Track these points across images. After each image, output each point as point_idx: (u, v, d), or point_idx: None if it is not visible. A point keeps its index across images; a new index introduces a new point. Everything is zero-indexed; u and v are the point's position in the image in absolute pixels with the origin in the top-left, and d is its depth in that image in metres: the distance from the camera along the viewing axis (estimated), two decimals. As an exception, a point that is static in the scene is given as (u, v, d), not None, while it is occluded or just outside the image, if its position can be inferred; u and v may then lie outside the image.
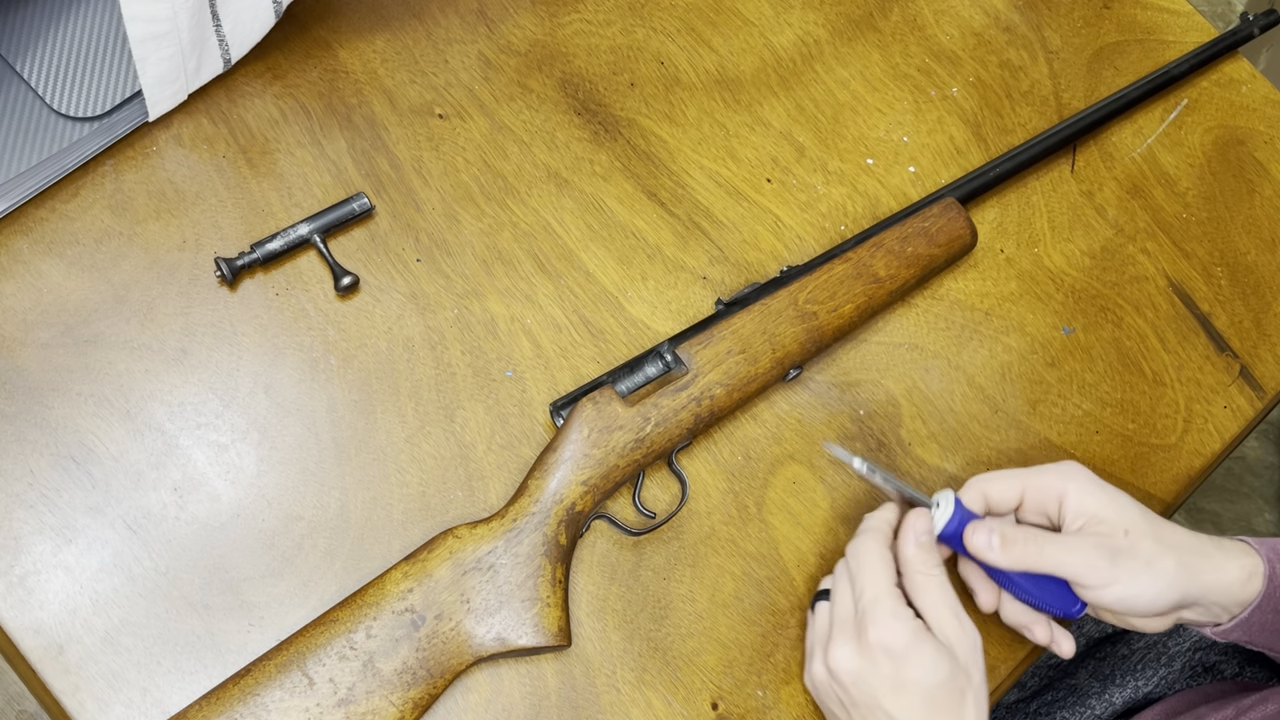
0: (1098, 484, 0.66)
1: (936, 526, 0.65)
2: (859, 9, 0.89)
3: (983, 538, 0.64)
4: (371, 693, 0.60)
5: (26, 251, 0.70)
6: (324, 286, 0.72)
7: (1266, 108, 0.91)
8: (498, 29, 0.82)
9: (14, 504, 0.64)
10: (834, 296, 0.73)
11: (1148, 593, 0.64)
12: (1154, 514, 0.66)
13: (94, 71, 0.72)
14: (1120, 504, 0.65)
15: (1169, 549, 0.64)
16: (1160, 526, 0.65)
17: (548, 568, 0.64)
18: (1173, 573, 0.64)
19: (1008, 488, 0.67)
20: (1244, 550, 0.66)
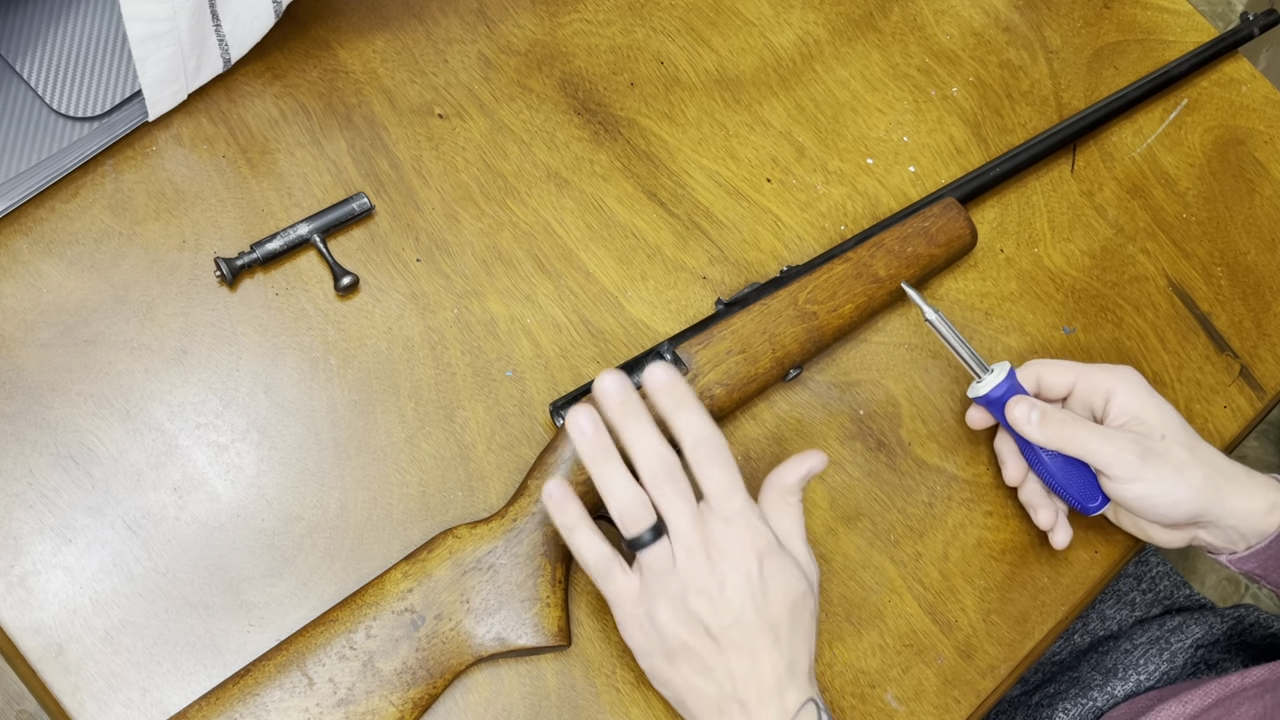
0: (1147, 390, 0.69)
1: (986, 389, 0.69)
2: (859, 9, 0.89)
3: (1023, 410, 0.68)
4: (371, 693, 0.60)
5: (26, 251, 0.70)
6: (324, 286, 0.72)
7: (1266, 108, 0.91)
8: (498, 29, 0.82)
9: (14, 504, 0.64)
10: (834, 296, 0.72)
11: (1169, 496, 0.66)
12: (1194, 432, 0.69)
13: (94, 71, 0.72)
14: (1164, 411, 0.68)
15: (1201, 462, 0.67)
16: (1197, 442, 0.68)
17: (547, 567, 0.64)
18: (1198, 484, 0.66)
19: (1062, 375, 0.70)
20: (1271, 484, 0.68)
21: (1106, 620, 0.89)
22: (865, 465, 0.74)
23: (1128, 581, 0.91)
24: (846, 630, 0.70)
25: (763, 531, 0.60)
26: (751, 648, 0.59)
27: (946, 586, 0.72)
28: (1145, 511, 0.67)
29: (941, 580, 0.72)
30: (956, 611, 0.72)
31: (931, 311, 0.69)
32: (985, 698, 0.70)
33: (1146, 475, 0.66)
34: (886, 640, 0.70)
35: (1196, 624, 0.83)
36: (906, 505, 0.74)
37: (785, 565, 0.60)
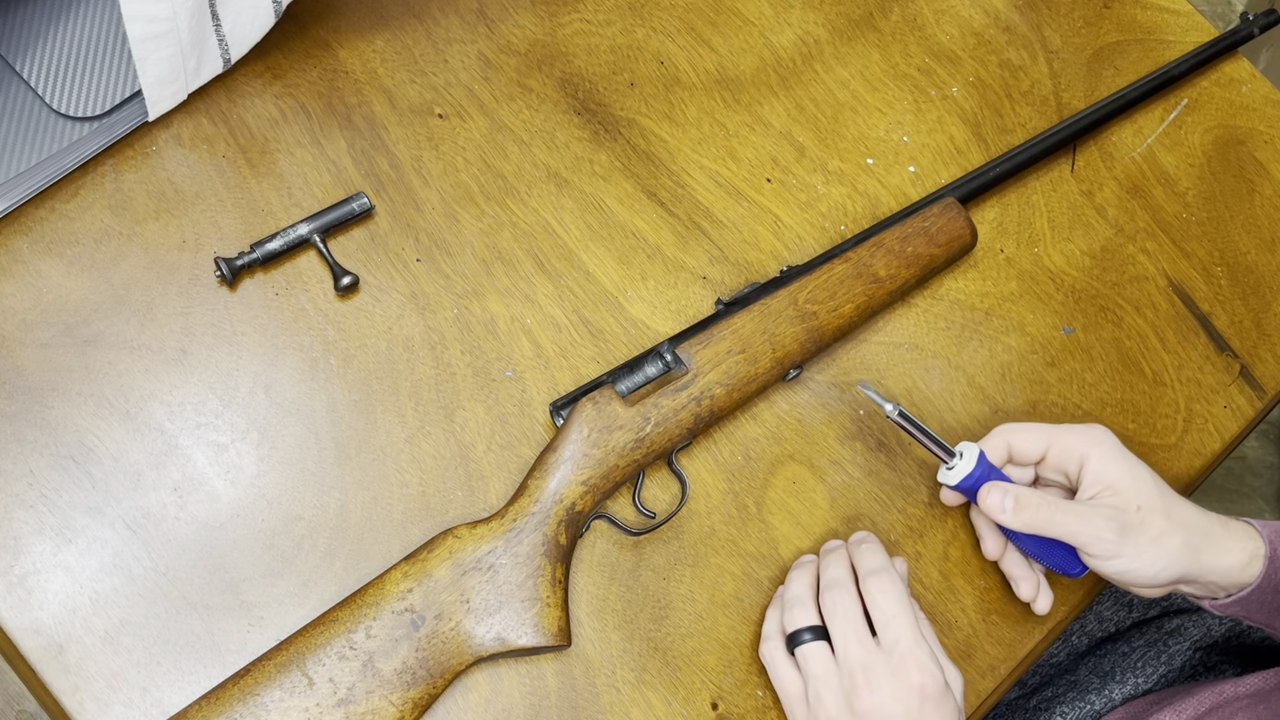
0: (1120, 453, 0.67)
1: (957, 477, 0.68)
2: (859, 9, 0.89)
3: (996, 499, 0.67)
4: (371, 693, 0.60)
5: (26, 251, 0.70)
6: (324, 286, 0.72)
7: (1266, 108, 0.91)
8: (498, 29, 0.82)
9: (14, 504, 0.64)
10: (834, 296, 0.73)
11: (1150, 568, 0.66)
12: (1169, 490, 0.68)
13: (94, 71, 0.72)
14: (1138, 476, 0.67)
15: (1177, 528, 0.66)
16: (1172, 503, 0.67)
17: (547, 568, 0.64)
18: (1177, 551, 0.66)
19: (1033, 442, 0.69)
20: (1248, 533, 0.68)
21: (1104, 622, 0.89)
22: (865, 465, 0.74)
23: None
24: (846, 630, 0.70)
25: (932, 672, 0.62)
26: None
27: (946, 586, 0.72)
28: (1126, 583, 0.67)
29: (941, 580, 0.72)
30: (956, 611, 0.72)
31: (891, 407, 0.68)
32: (985, 698, 0.70)
33: (1126, 551, 0.65)
34: (886, 640, 0.70)
35: (1194, 626, 0.83)
36: (906, 505, 0.74)
37: (946, 708, 0.62)
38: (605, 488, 0.66)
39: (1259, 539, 0.67)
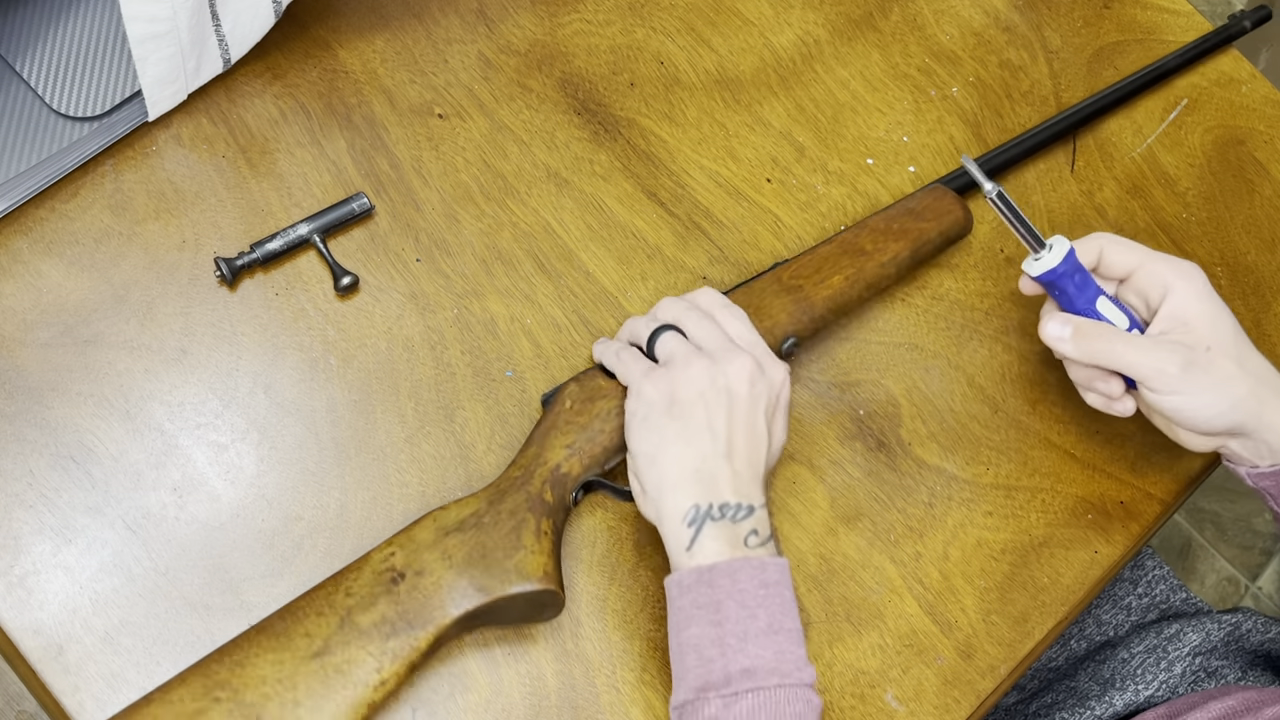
0: (1208, 294, 0.67)
1: (1042, 269, 0.67)
2: (859, 9, 0.89)
3: (1055, 329, 0.67)
4: (347, 644, 0.59)
5: (26, 251, 0.70)
6: (324, 286, 0.72)
7: (1266, 108, 0.91)
8: (498, 29, 0.82)
9: (14, 504, 0.64)
10: (819, 270, 0.73)
11: (1208, 410, 0.65)
12: (1247, 340, 0.67)
13: (94, 71, 0.72)
14: (1218, 319, 0.66)
15: (1247, 375, 0.65)
16: (1247, 352, 0.66)
17: (531, 520, 0.63)
18: (1240, 399, 0.65)
19: (1125, 258, 0.68)
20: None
21: (1103, 626, 0.89)
22: (865, 465, 0.74)
23: (1123, 586, 0.91)
24: (846, 630, 0.70)
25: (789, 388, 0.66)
26: (752, 434, 0.63)
27: (946, 586, 0.72)
28: (1181, 422, 0.66)
29: (941, 580, 0.72)
30: (956, 611, 0.72)
31: (990, 186, 0.66)
32: (985, 698, 0.70)
33: (1187, 389, 0.64)
34: (886, 640, 0.70)
35: (1194, 631, 0.83)
36: (906, 505, 0.74)
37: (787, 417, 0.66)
38: (592, 451, 0.66)
39: None
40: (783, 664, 0.59)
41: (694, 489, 0.61)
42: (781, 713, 0.58)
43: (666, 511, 0.62)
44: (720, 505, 0.61)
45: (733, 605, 0.59)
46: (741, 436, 0.62)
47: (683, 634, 0.61)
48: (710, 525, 0.61)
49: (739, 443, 0.62)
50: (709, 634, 0.60)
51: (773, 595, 0.60)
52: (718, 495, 0.61)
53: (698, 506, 0.61)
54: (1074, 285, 0.68)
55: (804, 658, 0.60)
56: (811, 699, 0.60)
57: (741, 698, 0.58)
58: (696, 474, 0.61)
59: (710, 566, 0.60)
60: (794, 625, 0.61)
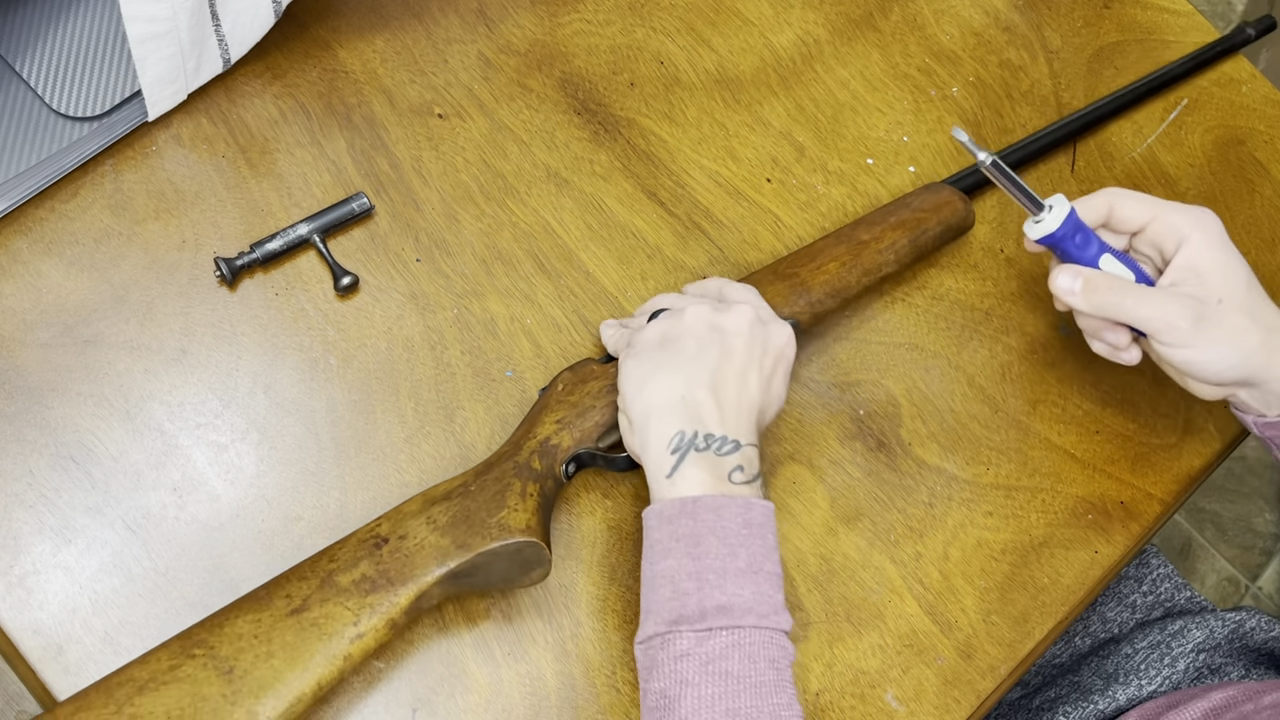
0: (1221, 242, 0.66)
1: (1043, 231, 0.67)
2: (859, 9, 0.89)
3: (1065, 282, 0.67)
4: (326, 601, 0.59)
5: (26, 251, 0.70)
6: (324, 286, 0.72)
7: (1266, 108, 0.91)
8: (497, 29, 0.82)
9: (13, 504, 0.64)
10: (815, 259, 0.73)
11: (1218, 363, 0.65)
12: (1259, 289, 0.67)
13: (93, 71, 0.72)
14: (1230, 269, 0.66)
15: (1258, 327, 0.65)
16: (1259, 302, 0.66)
17: (517, 484, 0.63)
18: (1251, 351, 0.65)
19: (1137, 211, 0.67)
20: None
21: (1107, 623, 0.89)
22: (865, 465, 0.74)
23: (1128, 584, 0.91)
24: (846, 630, 0.70)
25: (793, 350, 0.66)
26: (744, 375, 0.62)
27: (946, 587, 0.72)
28: (1191, 374, 0.66)
29: (941, 580, 0.72)
30: (956, 612, 0.72)
31: (984, 155, 0.65)
32: (985, 698, 0.70)
33: (1197, 342, 0.64)
34: (886, 640, 0.70)
35: (1197, 628, 0.83)
36: (906, 505, 0.74)
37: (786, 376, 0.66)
38: (583, 425, 0.66)
39: None
40: (760, 605, 0.58)
41: (679, 416, 0.61)
42: (756, 654, 0.57)
43: (651, 438, 0.61)
44: (705, 435, 0.60)
45: (714, 540, 0.58)
46: (732, 375, 0.62)
47: (658, 565, 0.59)
48: (694, 454, 0.60)
49: (729, 380, 0.62)
50: (687, 567, 0.58)
51: (755, 536, 0.59)
52: (703, 425, 0.60)
53: (682, 433, 0.60)
54: (1075, 245, 0.68)
55: (782, 604, 0.59)
56: (786, 645, 0.58)
57: (716, 634, 0.57)
58: (683, 401, 0.61)
59: (695, 499, 0.59)
60: (774, 570, 0.60)
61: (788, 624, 0.59)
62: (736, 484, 0.60)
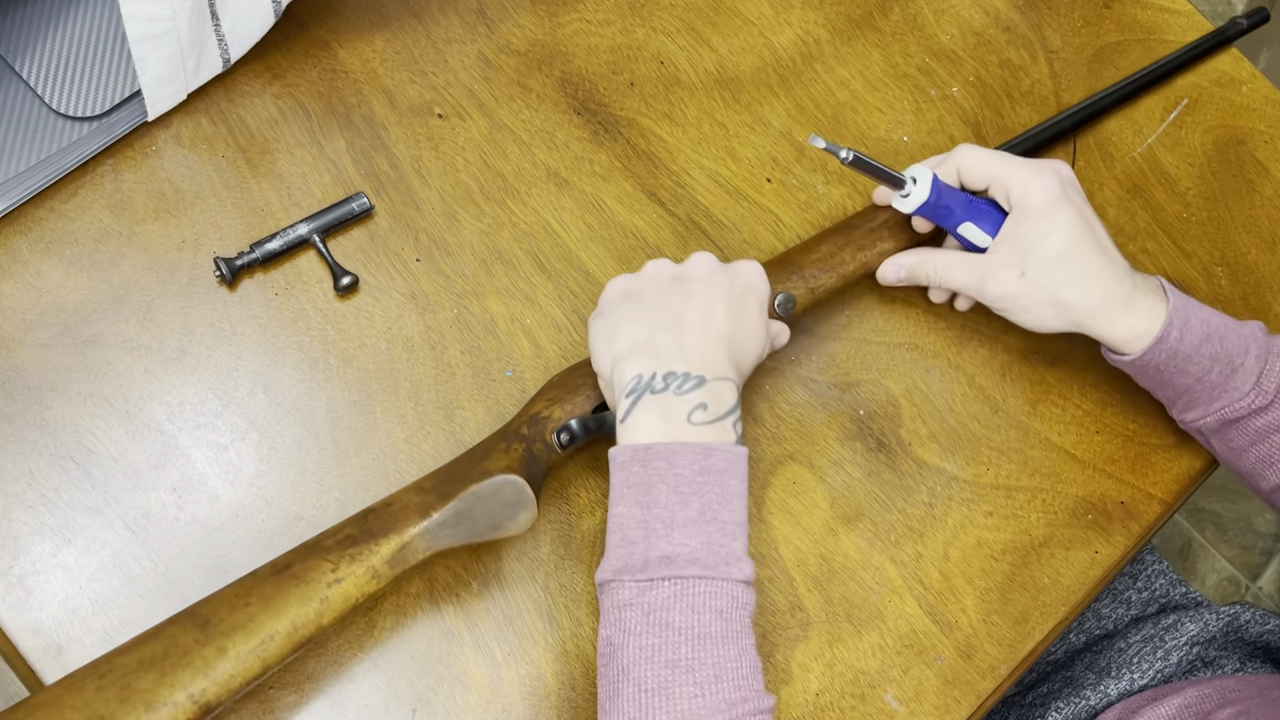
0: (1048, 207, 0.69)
1: (912, 205, 0.70)
2: (859, 9, 0.89)
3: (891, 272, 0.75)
4: (308, 558, 0.59)
5: (25, 251, 0.70)
6: (323, 286, 0.72)
7: (1266, 108, 0.91)
8: (497, 29, 0.82)
9: (13, 504, 0.64)
10: (806, 245, 0.74)
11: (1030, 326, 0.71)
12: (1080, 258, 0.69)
13: (93, 71, 0.72)
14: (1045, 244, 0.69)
15: (1058, 304, 0.69)
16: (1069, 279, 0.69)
17: (502, 444, 0.63)
18: (1053, 318, 0.70)
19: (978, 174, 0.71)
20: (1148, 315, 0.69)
21: (1102, 619, 0.89)
22: (865, 465, 0.74)
23: (1124, 580, 0.91)
24: (846, 630, 0.70)
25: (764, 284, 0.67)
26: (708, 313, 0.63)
27: (946, 587, 0.72)
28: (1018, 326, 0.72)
29: (941, 580, 0.72)
30: (956, 612, 0.72)
31: (845, 153, 0.68)
32: (985, 698, 0.70)
33: (1007, 311, 0.71)
34: (886, 640, 0.70)
35: (1191, 622, 0.83)
36: (906, 505, 0.74)
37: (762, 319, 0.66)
38: (574, 400, 0.66)
39: (1157, 324, 0.69)
40: (708, 555, 0.57)
41: (641, 359, 0.60)
42: (700, 605, 0.56)
43: (615, 385, 0.61)
44: (665, 374, 0.60)
45: (664, 489, 0.58)
46: (695, 313, 0.62)
47: (613, 510, 0.59)
48: (649, 398, 0.59)
49: (690, 317, 0.62)
50: (635, 515, 0.58)
51: (712, 483, 0.58)
52: (663, 363, 0.60)
53: (640, 376, 0.60)
54: (942, 214, 0.71)
55: (738, 552, 0.58)
56: (739, 594, 0.57)
57: (657, 585, 0.56)
58: (645, 344, 0.61)
59: (647, 446, 0.58)
60: (732, 518, 0.59)
61: (744, 573, 0.58)
62: (697, 424, 0.59)
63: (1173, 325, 0.69)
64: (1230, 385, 0.70)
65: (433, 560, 0.67)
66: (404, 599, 0.66)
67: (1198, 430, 0.73)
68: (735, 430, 0.61)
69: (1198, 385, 0.70)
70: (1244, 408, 0.70)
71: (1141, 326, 0.69)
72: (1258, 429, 0.70)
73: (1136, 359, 0.70)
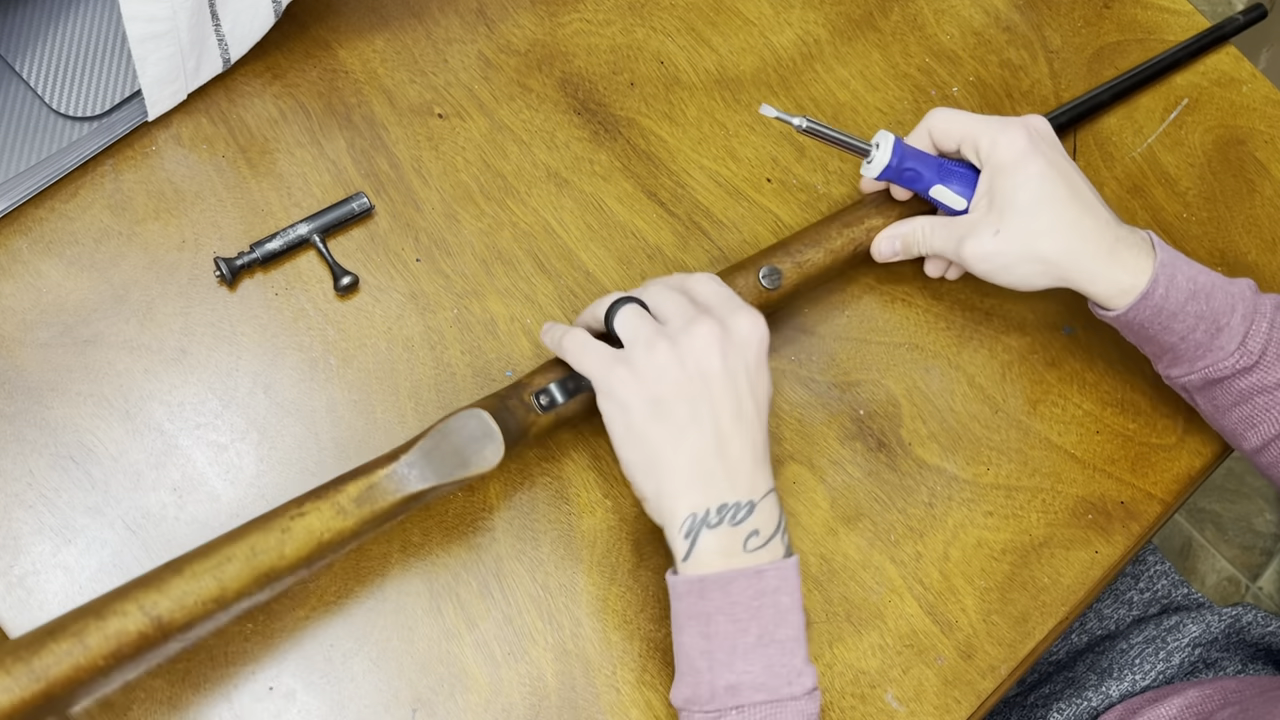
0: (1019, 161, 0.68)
1: (877, 170, 0.71)
2: (859, 8, 0.89)
3: (886, 247, 0.74)
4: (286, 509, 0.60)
5: (26, 251, 0.70)
6: (323, 286, 0.72)
7: (1266, 108, 0.91)
8: (497, 29, 0.82)
9: (13, 504, 0.64)
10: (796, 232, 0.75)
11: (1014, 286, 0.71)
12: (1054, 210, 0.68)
13: (93, 71, 0.72)
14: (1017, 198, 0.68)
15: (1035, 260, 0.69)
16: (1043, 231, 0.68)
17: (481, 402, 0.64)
18: (1034, 275, 0.69)
19: (951, 134, 0.71)
20: (1134, 269, 0.68)
21: (1104, 620, 0.89)
22: (865, 465, 0.74)
23: (1125, 581, 0.91)
24: (846, 630, 0.70)
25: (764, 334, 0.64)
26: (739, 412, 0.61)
27: (946, 587, 0.72)
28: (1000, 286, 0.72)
29: (941, 580, 0.72)
30: (956, 612, 0.72)
31: (799, 121, 0.68)
32: (985, 698, 0.70)
33: (985, 271, 0.70)
34: (886, 640, 0.70)
35: (1193, 623, 0.83)
36: (907, 505, 0.74)
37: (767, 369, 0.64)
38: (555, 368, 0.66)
39: (1144, 278, 0.68)
40: (772, 679, 0.59)
41: (691, 494, 0.60)
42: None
43: (666, 519, 0.61)
44: (719, 508, 0.60)
45: (722, 619, 0.59)
46: (729, 419, 0.61)
47: (678, 637, 0.61)
48: (706, 533, 0.60)
49: (727, 428, 0.61)
50: (699, 645, 0.60)
51: (767, 605, 0.59)
52: (715, 497, 0.60)
53: (694, 515, 0.60)
54: (910, 177, 0.71)
55: (798, 666, 0.60)
56: (803, 708, 0.59)
57: (725, 714, 0.58)
58: (693, 476, 0.60)
59: (701, 578, 0.59)
60: (789, 633, 0.60)
61: (805, 687, 0.59)
62: (751, 550, 0.60)
63: (1158, 282, 0.67)
64: (1215, 345, 0.68)
65: (433, 560, 0.67)
66: (404, 598, 0.66)
67: (1182, 387, 0.72)
68: (784, 543, 0.62)
69: (1182, 344, 0.69)
70: (1228, 368, 0.69)
71: (1127, 281, 0.68)
72: (1241, 390, 0.69)
73: (1120, 315, 0.69)
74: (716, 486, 0.60)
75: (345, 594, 0.65)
